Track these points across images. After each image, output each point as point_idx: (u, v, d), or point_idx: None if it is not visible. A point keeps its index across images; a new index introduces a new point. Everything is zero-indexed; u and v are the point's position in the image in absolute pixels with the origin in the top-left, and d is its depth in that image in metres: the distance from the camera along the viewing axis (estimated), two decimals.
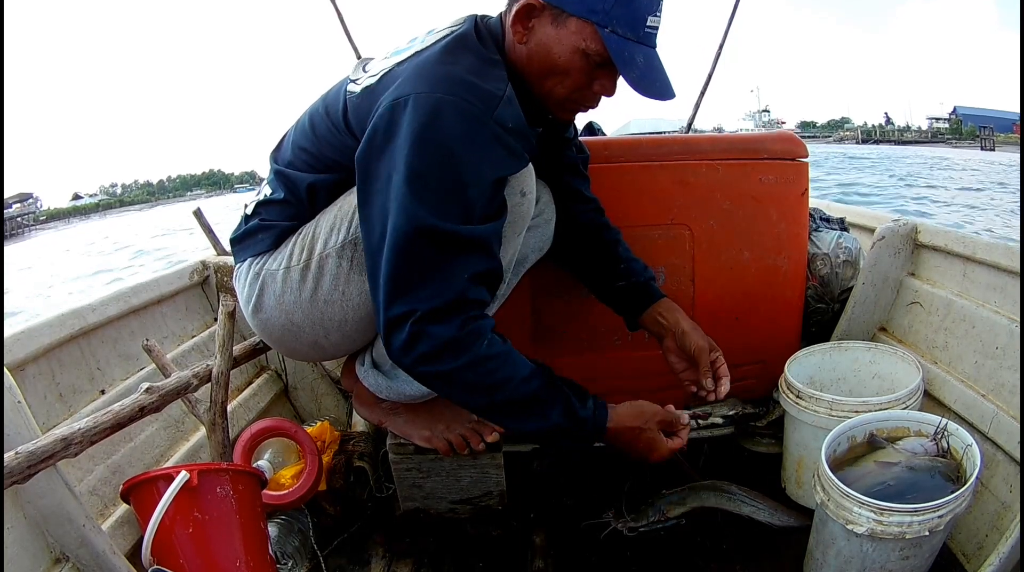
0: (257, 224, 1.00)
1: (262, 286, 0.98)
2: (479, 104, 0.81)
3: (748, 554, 1.08)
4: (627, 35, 0.83)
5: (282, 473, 1.12)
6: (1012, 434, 0.99)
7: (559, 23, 0.85)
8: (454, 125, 0.79)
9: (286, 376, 1.58)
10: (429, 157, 0.79)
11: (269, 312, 0.99)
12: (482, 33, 0.90)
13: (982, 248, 1.18)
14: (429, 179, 0.79)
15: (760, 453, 1.36)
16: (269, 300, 0.98)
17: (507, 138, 0.83)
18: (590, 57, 0.85)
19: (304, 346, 1.02)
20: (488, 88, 0.83)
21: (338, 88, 0.96)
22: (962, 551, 1.03)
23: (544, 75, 0.89)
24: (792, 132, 1.47)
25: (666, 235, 1.34)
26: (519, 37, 0.88)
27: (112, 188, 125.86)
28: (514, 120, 0.84)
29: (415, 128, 0.79)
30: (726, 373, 1.08)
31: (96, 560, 0.89)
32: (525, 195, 0.93)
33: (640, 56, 0.84)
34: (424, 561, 1.11)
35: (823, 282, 1.48)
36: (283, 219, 0.98)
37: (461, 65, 0.84)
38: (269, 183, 1.02)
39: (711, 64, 2.40)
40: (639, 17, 0.83)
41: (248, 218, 1.02)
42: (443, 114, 0.79)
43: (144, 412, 0.95)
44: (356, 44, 2.27)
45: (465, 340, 0.80)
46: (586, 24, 0.83)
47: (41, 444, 0.79)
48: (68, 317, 1.11)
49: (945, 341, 1.23)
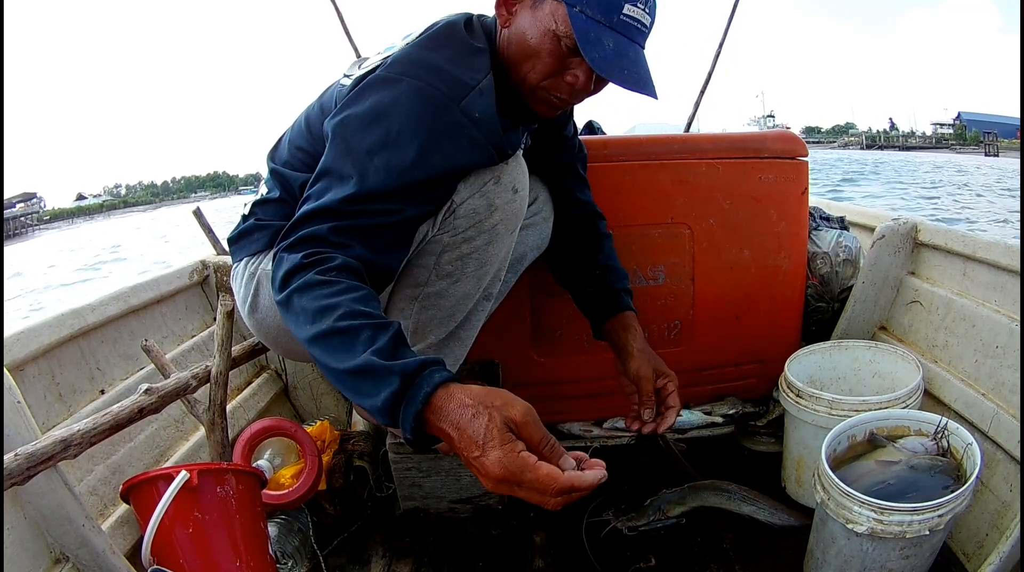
0: (253, 223, 1.00)
1: (257, 286, 0.98)
2: (445, 90, 0.81)
3: (748, 554, 1.08)
4: (597, 17, 0.81)
5: (282, 473, 1.12)
6: (1012, 433, 0.99)
7: (536, 5, 0.85)
8: (412, 108, 0.80)
9: (286, 376, 1.58)
10: (376, 134, 0.79)
11: (264, 312, 0.99)
12: (472, 24, 0.91)
13: (982, 247, 1.17)
14: (368, 154, 0.79)
15: (760, 452, 1.36)
16: (265, 300, 0.98)
17: (470, 128, 0.83)
18: (561, 40, 0.83)
19: (299, 346, 1.01)
20: (461, 77, 0.83)
21: (333, 87, 0.97)
22: (962, 550, 1.03)
23: (520, 60, 0.88)
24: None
25: (666, 234, 1.34)
26: (503, 21, 0.89)
27: (116, 189, 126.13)
28: (483, 111, 0.83)
29: (375, 104, 0.80)
30: (675, 403, 1.02)
31: (96, 560, 0.89)
32: (517, 192, 0.93)
33: (610, 41, 0.82)
34: (424, 561, 1.11)
35: (823, 281, 1.48)
36: (279, 218, 0.97)
37: (441, 53, 0.84)
38: (266, 182, 1.02)
39: (711, 64, 2.40)
40: (613, 2, 0.82)
41: (245, 218, 1.02)
42: (403, 96, 0.80)
43: (143, 413, 0.95)
44: (356, 45, 2.27)
45: (313, 263, 0.74)
46: (560, 5, 0.82)
47: (40, 446, 0.80)
48: (68, 317, 1.11)
49: (945, 340, 1.23)
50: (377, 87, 0.82)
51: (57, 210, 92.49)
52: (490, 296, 1.03)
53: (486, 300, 1.03)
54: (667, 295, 1.37)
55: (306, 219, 0.79)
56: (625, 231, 1.25)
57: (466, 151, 0.84)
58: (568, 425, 1.44)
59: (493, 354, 1.35)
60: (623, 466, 1.32)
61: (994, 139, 51.13)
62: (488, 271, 0.96)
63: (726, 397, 1.45)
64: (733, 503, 1.16)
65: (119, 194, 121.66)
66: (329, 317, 0.68)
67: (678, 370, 1.41)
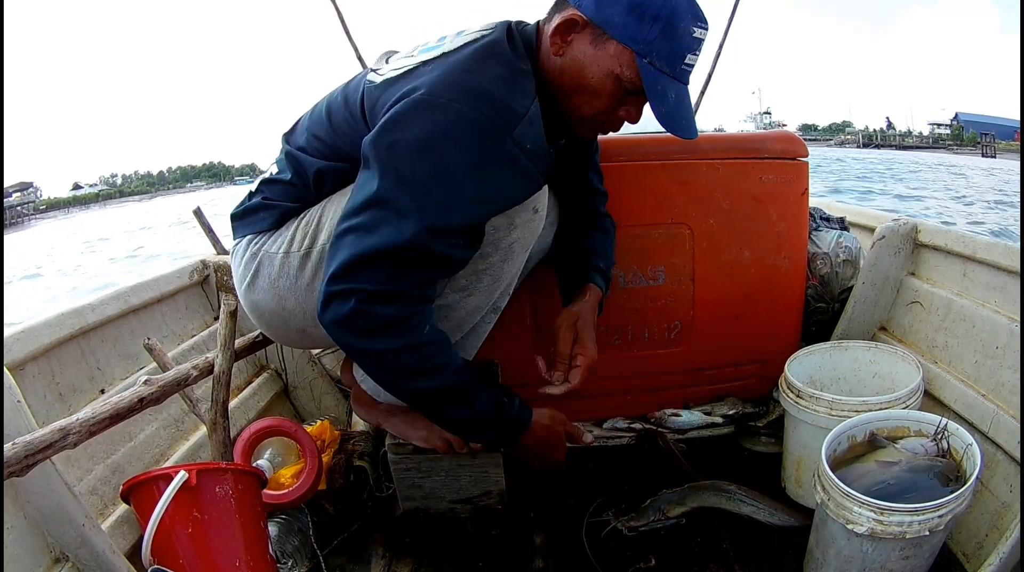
0: (260, 202, 0.99)
1: (258, 267, 0.97)
2: (499, 121, 0.79)
3: (748, 554, 1.08)
4: (664, 69, 0.82)
5: (282, 472, 1.12)
6: (1012, 434, 0.99)
7: (599, 43, 0.84)
8: (466, 140, 0.78)
9: (286, 375, 1.58)
10: (431, 166, 0.78)
11: (262, 294, 0.99)
12: (515, 40, 0.88)
13: (982, 247, 1.18)
14: (426, 188, 0.78)
15: (760, 453, 1.36)
16: (263, 282, 0.97)
17: (523, 159, 0.82)
18: (623, 83, 0.84)
19: (292, 332, 1.02)
20: (511, 105, 0.81)
21: (359, 78, 0.95)
22: (962, 551, 1.03)
23: (573, 92, 0.88)
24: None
25: (666, 234, 1.34)
26: (556, 49, 0.87)
27: (112, 178, 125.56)
28: (533, 141, 0.83)
29: (425, 133, 0.78)
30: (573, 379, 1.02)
31: (96, 560, 0.89)
32: (537, 212, 0.93)
33: (672, 92, 0.83)
34: (424, 561, 1.11)
35: (823, 281, 1.48)
36: (287, 200, 0.97)
37: (488, 75, 0.82)
38: (277, 163, 1.01)
39: (711, 63, 2.40)
40: (679, 53, 0.82)
41: (251, 194, 1.02)
42: (456, 126, 0.78)
43: (144, 404, 0.94)
44: (355, 41, 2.27)
45: (408, 321, 0.80)
46: (625, 50, 0.82)
47: (39, 435, 0.79)
48: (68, 316, 1.11)
49: (945, 341, 1.23)
50: (423, 112, 0.79)
51: (53, 199, 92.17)
52: (498, 309, 1.04)
53: (493, 313, 1.04)
54: (667, 295, 1.37)
55: (369, 259, 0.77)
56: (625, 231, 1.25)
57: (520, 184, 0.85)
58: None
59: (493, 354, 1.35)
60: (623, 466, 1.33)
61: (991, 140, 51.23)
62: (499, 286, 0.97)
63: (726, 397, 1.45)
64: (733, 503, 1.16)
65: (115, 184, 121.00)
66: (438, 376, 0.85)
67: (678, 370, 1.43)
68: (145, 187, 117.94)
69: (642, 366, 1.41)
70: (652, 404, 1.44)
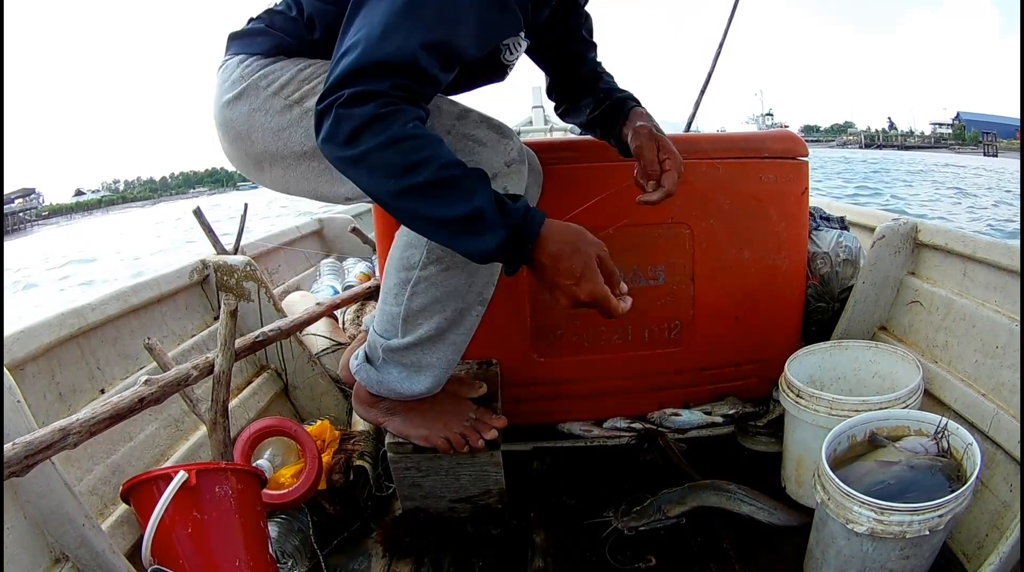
0: (262, 27, 1.00)
1: (243, 91, 0.98)
2: None
3: (748, 554, 1.08)
4: None
5: (282, 472, 1.12)
6: (1012, 433, 0.99)
7: None
8: None
9: (286, 375, 1.58)
10: None
11: (236, 115, 0.99)
12: None
13: (982, 247, 1.18)
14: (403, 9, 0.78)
15: (760, 452, 1.36)
16: (243, 106, 0.98)
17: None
18: None
19: (248, 160, 1.04)
20: None
21: None
22: (962, 550, 1.03)
23: None
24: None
25: (666, 234, 1.34)
26: None
27: (115, 184, 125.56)
28: None
29: None
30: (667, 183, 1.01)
31: (96, 560, 0.89)
32: (511, 166, 0.94)
33: None
34: (424, 560, 1.11)
35: (823, 281, 1.48)
36: (286, 34, 0.98)
37: None
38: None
39: (711, 63, 2.40)
40: None
41: (253, 19, 1.03)
42: None
43: (144, 403, 0.94)
44: None
45: (389, 117, 0.77)
46: None
47: (39, 435, 0.79)
48: (68, 316, 1.11)
49: (945, 340, 1.23)
50: None
51: (55, 206, 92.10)
52: (484, 301, 1.03)
53: (480, 305, 1.03)
54: (667, 295, 1.37)
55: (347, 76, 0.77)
56: (625, 231, 1.25)
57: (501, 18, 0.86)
58: (568, 425, 1.44)
59: (493, 354, 1.35)
60: (623, 466, 1.32)
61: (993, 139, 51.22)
62: (477, 266, 0.96)
63: (726, 397, 1.45)
64: (733, 503, 1.16)
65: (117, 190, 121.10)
66: (425, 170, 0.76)
67: (678, 370, 1.43)
68: (148, 193, 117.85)
69: (642, 366, 1.41)
70: (652, 404, 1.44)
